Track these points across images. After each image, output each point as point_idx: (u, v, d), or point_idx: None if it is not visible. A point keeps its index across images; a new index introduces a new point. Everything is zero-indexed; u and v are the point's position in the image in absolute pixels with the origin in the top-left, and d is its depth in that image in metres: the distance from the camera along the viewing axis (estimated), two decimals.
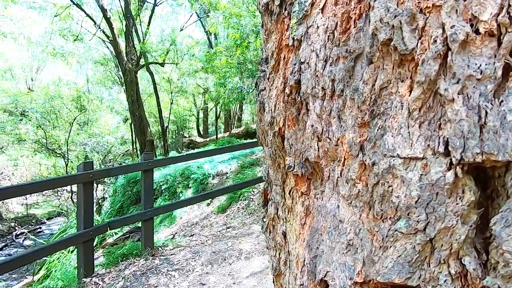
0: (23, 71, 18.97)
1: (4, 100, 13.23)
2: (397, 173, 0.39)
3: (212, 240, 3.67)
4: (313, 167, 0.48)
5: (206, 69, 11.74)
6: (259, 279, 2.55)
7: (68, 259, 5.32)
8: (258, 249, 3.13)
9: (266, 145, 0.62)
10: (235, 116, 17.32)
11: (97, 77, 19.68)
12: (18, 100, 13.36)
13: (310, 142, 0.47)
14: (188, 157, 3.58)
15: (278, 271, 0.62)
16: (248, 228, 3.82)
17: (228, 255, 3.08)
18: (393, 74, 0.40)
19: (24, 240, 9.88)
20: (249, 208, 5.56)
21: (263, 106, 0.60)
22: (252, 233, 3.59)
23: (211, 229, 5.37)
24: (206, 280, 2.68)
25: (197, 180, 8.12)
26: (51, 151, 11.43)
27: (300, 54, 0.48)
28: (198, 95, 17.80)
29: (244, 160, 8.42)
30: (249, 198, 6.13)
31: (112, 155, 16.84)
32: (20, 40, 14.03)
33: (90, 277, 2.86)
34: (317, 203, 0.46)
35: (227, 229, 4.29)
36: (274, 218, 0.64)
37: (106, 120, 17.73)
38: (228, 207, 6.44)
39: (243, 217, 5.14)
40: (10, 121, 12.77)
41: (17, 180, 12.11)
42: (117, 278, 2.84)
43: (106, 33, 11.86)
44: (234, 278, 2.66)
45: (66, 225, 8.00)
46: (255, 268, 2.78)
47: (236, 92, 6.15)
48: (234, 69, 6.47)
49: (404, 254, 0.37)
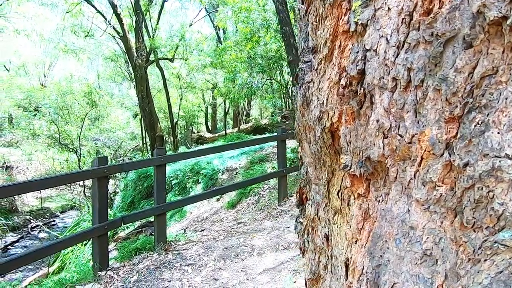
0: (36, 67, 19.34)
1: (18, 96, 13.53)
2: (504, 177, 0.33)
3: (224, 235, 3.68)
4: (375, 167, 0.43)
5: (215, 64, 11.73)
6: (273, 275, 2.54)
7: (81, 252, 5.44)
8: (270, 245, 3.11)
9: (308, 142, 0.58)
10: (243, 112, 17.29)
11: (108, 73, 19.91)
12: (32, 96, 13.66)
13: (373, 139, 0.42)
14: (200, 152, 3.58)
15: (316, 274, 0.58)
16: (260, 224, 3.80)
17: (240, 251, 3.07)
18: (503, 60, 0.34)
19: (39, 233, 10.15)
20: (259, 204, 5.55)
21: (306, 100, 0.56)
22: (264, 229, 3.57)
23: (221, 224, 5.39)
24: (219, 275, 2.69)
25: (207, 176, 8.15)
26: (64, 146, 11.66)
27: (366, 41, 0.43)
28: (206, 90, 17.83)
29: (254, 155, 8.40)
30: (259, 194, 6.11)
31: (123, 150, 17.10)
32: (33, 36, 14.28)
33: (105, 271, 2.90)
34: (380, 207, 0.42)
35: (238, 225, 4.29)
36: (314, 220, 0.60)
37: (116, 116, 17.98)
38: (238, 202, 6.44)
39: (254, 213, 5.13)
40: (25, 116, 13.08)
41: (31, 175, 12.41)
42: (131, 272, 2.87)
43: (116, 29, 11.94)
44: (247, 274, 2.65)
45: (79, 218, 8.17)
46: (268, 264, 2.77)
47: (246, 87, 6.11)
48: (244, 64, 6.41)
49: (508, 271, 0.32)
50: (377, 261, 0.40)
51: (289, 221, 3.71)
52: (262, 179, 4.46)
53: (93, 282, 2.72)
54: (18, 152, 12.82)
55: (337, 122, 0.49)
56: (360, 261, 0.43)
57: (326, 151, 0.54)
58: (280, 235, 3.34)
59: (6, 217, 10.12)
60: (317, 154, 0.56)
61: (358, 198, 0.46)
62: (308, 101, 0.57)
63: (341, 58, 0.48)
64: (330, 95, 0.49)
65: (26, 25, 13.85)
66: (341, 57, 0.48)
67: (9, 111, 14.36)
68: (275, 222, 3.76)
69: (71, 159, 13.47)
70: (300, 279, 2.28)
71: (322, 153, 0.55)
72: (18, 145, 13.40)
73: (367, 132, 0.43)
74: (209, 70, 13.58)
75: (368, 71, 0.43)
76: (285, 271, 2.55)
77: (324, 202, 0.57)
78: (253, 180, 4.41)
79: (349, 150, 0.47)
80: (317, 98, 0.53)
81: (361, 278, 0.42)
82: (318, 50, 0.53)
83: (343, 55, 0.47)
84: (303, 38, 0.58)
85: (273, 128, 11.84)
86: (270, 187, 6.12)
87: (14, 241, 8.87)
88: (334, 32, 0.48)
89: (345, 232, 0.50)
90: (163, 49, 11.95)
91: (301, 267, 2.51)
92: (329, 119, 0.50)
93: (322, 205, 0.57)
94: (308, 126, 0.57)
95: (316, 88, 0.54)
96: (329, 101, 0.50)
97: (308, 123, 0.57)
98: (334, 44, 0.49)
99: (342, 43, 0.47)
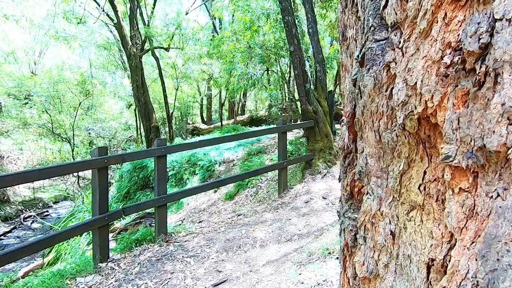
0: (26, 54, 18.75)
1: (8, 83, 13.13)
2: None
3: (225, 227, 3.66)
4: (488, 158, 0.38)
5: (211, 55, 11.52)
6: (276, 267, 2.54)
7: (77, 242, 5.38)
8: (272, 237, 3.11)
9: (376, 130, 0.53)
10: (239, 103, 17.16)
11: (100, 61, 19.43)
12: (22, 84, 13.27)
13: (493, 126, 0.37)
14: (201, 143, 3.52)
15: (374, 274, 0.55)
16: (261, 216, 3.80)
17: (242, 243, 3.07)
18: None
19: (32, 223, 10.04)
20: (257, 196, 5.54)
21: (379, 83, 0.51)
22: (265, 221, 3.57)
23: (220, 216, 5.38)
24: (223, 267, 2.68)
25: (204, 167, 8.11)
26: (56, 136, 11.42)
27: (495, 8, 0.37)
28: (202, 81, 17.60)
29: (251, 147, 8.36)
30: (257, 186, 6.10)
31: (116, 141, 16.88)
32: (22, 22, 13.77)
33: (105, 262, 2.86)
34: (496, 204, 0.38)
35: (238, 217, 4.28)
36: (375, 215, 0.56)
37: (109, 106, 17.66)
38: (236, 194, 6.43)
39: (253, 205, 5.13)
40: (15, 105, 12.73)
41: (23, 165, 12.17)
42: (133, 263, 2.84)
43: (110, 16, 11.59)
44: (251, 266, 2.65)
45: (74, 209, 8.08)
46: (271, 256, 2.77)
47: (245, 78, 6.01)
48: (243, 53, 6.30)
49: None
50: (491, 266, 0.36)
51: (290, 213, 3.71)
52: (263, 170, 4.44)
53: (94, 274, 2.69)
54: (8, 141, 12.52)
55: (436, 107, 0.44)
56: (464, 264, 0.39)
57: (404, 140, 0.49)
58: (282, 227, 3.34)
59: None
60: (390, 143, 0.52)
61: (459, 193, 0.42)
62: (381, 84, 0.52)
63: (445, 33, 0.42)
64: (426, 75, 0.44)
65: (15, 10, 13.35)
66: (445, 31, 0.42)
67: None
68: (276, 214, 3.76)
69: (64, 149, 13.24)
70: (305, 271, 2.28)
71: (398, 142, 0.50)
72: (8, 135, 13.07)
73: (484, 118, 0.38)
74: (205, 60, 13.37)
75: (498, 44, 0.37)
76: (289, 263, 2.55)
77: (391, 196, 0.53)
78: (254, 172, 4.39)
79: (454, 138, 0.41)
80: (403, 80, 0.48)
81: (464, 283, 0.38)
82: (403, 25, 0.48)
83: (449, 29, 0.42)
84: (372, 15, 0.53)
85: (270, 120, 11.78)
86: (268, 179, 6.11)
87: (6, 232, 8.75)
88: (437, 2, 0.43)
89: (429, 231, 0.46)
90: (159, 37, 11.68)
91: (305, 259, 2.51)
92: (421, 103, 0.45)
93: (387, 200, 0.54)
94: (379, 112, 0.52)
95: (403, 69, 0.48)
96: (424, 83, 0.44)
97: (379, 109, 0.52)
98: (436, 17, 0.44)
99: (449, 14, 0.42)
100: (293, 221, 3.46)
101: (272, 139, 8.37)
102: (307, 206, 3.78)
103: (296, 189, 4.44)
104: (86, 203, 7.55)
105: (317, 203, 3.81)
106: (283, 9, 4.44)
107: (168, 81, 15.85)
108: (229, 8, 9.97)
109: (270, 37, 6.92)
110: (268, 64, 6.72)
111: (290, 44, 4.53)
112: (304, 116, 4.77)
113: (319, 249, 2.56)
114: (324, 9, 7.72)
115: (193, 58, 13.12)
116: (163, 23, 13.61)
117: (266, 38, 7.03)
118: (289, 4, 4.47)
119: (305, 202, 3.91)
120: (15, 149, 12.52)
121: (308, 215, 3.54)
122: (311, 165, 4.78)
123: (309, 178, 4.66)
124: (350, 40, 0.64)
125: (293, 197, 4.22)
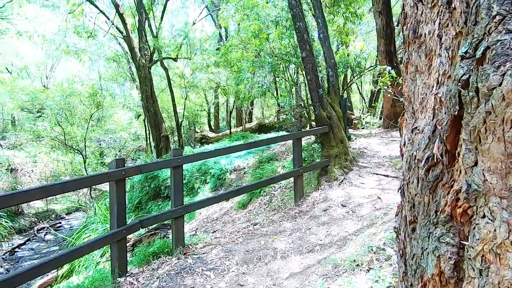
0: (38, 69, 19.28)
1: (22, 97, 13.46)
2: None
3: (243, 238, 3.57)
4: None
5: (218, 63, 11.61)
6: (301, 280, 2.43)
7: (90, 254, 5.34)
8: (293, 248, 3.01)
9: (504, 140, 0.46)
10: (247, 111, 17.19)
11: (109, 73, 19.84)
12: (35, 98, 13.59)
13: None
14: (216, 152, 3.47)
15: None
16: (279, 226, 3.70)
17: (262, 254, 2.97)
18: None
19: (45, 235, 10.13)
20: (271, 204, 5.44)
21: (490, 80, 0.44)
22: (284, 231, 3.47)
23: (234, 225, 5.29)
24: (244, 280, 2.58)
25: (215, 176, 8.07)
26: (68, 148, 11.59)
27: None
28: (209, 90, 17.74)
29: (262, 155, 8.30)
30: (271, 193, 6.00)
31: (125, 151, 17.06)
32: (35, 38, 14.19)
33: (124, 277, 2.80)
34: None
35: (254, 226, 4.18)
36: (502, 245, 0.48)
37: (119, 116, 17.93)
38: (249, 202, 6.34)
39: (267, 213, 5.02)
40: (28, 118, 13.01)
41: (36, 177, 12.34)
42: (151, 277, 2.77)
43: (119, 29, 11.84)
44: (273, 279, 2.55)
45: (87, 220, 8.11)
46: (294, 268, 2.66)
47: (256, 86, 5.99)
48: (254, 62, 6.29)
49: None
50: None
51: (309, 222, 3.60)
52: (279, 178, 4.36)
53: None
54: (22, 154, 12.75)
55: None
56: None
57: None
58: (302, 237, 3.24)
59: (13, 219, 10.08)
60: None
61: None
62: None
63: None
64: None
65: (28, 26, 13.77)
66: None
67: (12, 113, 14.30)
68: (294, 223, 3.66)
69: (76, 161, 13.39)
70: (333, 285, 2.17)
71: None
72: (22, 147, 13.33)
73: None
74: (212, 69, 13.48)
75: None
76: (313, 275, 2.44)
77: None
78: (270, 180, 4.31)
79: None
80: None
81: None
82: None
83: None
84: (496, 1, 0.46)
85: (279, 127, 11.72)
86: (281, 186, 6.01)
87: (21, 244, 8.81)
88: None
89: None
90: (167, 48, 11.86)
91: (331, 271, 2.40)
92: None
93: None
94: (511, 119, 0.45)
95: None
96: None
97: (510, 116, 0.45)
98: None
99: None
100: (313, 230, 3.35)
101: (283, 146, 8.29)
102: (326, 215, 3.67)
103: (313, 197, 4.33)
104: (99, 214, 7.57)
105: (336, 211, 3.69)
106: (294, 15, 4.42)
107: (176, 91, 16.03)
108: (235, 18, 10.06)
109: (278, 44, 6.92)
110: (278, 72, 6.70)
111: (302, 49, 4.49)
112: (318, 122, 4.70)
113: (345, 261, 2.45)
114: (331, 15, 7.71)
115: (200, 67, 13.25)
116: (170, 34, 13.84)
117: (274, 45, 7.03)
118: (300, 10, 4.45)
119: (324, 210, 3.80)
120: (29, 161, 12.72)
121: (328, 224, 3.42)
122: (326, 172, 4.67)
123: (325, 185, 4.55)
124: (426, 37, 0.57)
125: (310, 205, 4.11)
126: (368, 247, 2.43)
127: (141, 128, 17.68)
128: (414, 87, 0.63)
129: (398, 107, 9.30)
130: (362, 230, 3.00)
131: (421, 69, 0.59)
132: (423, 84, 0.58)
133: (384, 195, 3.83)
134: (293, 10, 4.41)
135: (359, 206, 3.69)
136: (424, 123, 0.59)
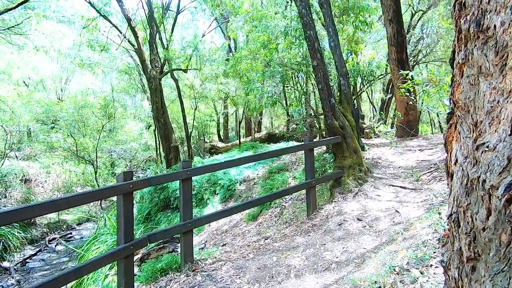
0: (53, 82, 19.91)
1: (37, 110, 13.84)
2: None
3: (254, 253, 3.42)
4: None
5: (228, 74, 11.70)
6: None
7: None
8: (308, 266, 2.84)
9: None
10: (256, 121, 17.17)
11: (121, 85, 20.30)
12: (50, 110, 13.96)
13: None
14: (226, 164, 3.37)
15: None
16: (291, 241, 3.53)
17: (275, 272, 2.81)
18: None
19: (56, 245, 10.18)
20: (282, 217, 5.27)
21: None
22: (297, 247, 3.30)
23: (244, 238, 5.13)
24: None
25: (224, 186, 7.97)
26: (80, 158, 11.75)
27: None
28: (218, 100, 17.88)
29: (271, 165, 8.17)
30: (281, 205, 5.84)
31: (136, 161, 17.22)
32: (51, 52, 14.69)
33: None
34: None
35: (266, 240, 4.03)
36: None
37: (130, 127, 18.21)
38: (259, 214, 6.18)
39: (279, 226, 4.86)
40: (42, 130, 13.34)
41: (49, 187, 12.53)
42: None
43: (131, 42, 12.13)
44: None
45: (97, 231, 8.08)
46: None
47: (267, 96, 5.94)
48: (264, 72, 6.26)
49: None
50: None
51: (323, 236, 3.43)
52: (292, 190, 4.22)
53: None
54: (36, 165, 13.01)
55: None
56: None
57: None
58: (317, 253, 3.07)
59: (25, 230, 10.20)
60: None
61: None
62: None
63: None
64: None
65: (44, 41, 14.28)
66: None
67: (28, 125, 14.71)
68: (308, 238, 3.49)
69: (87, 171, 13.57)
70: None
71: None
72: (36, 158, 13.61)
73: None
74: (221, 80, 13.60)
75: None
76: None
77: None
78: (283, 192, 4.17)
79: None
80: None
81: None
82: None
83: None
84: None
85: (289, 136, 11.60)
86: (292, 198, 5.84)
87: (32, 254, 8.85)
88: None
89: None
90: (177, 60, 12.05)
91: None
92: None
93: None
94: None
95: None
96: None
97: None
98: None
99: None
100: (328, 246, 3.17)
101: (293, 156, 8.14)
102: (342, 229, 3.49)
103: (327, 210, 4.16)
104: (108, 225, 7.54)
105: (352, 226, 3.51)
106: (304, 24, 4.36)
107: (185, 101, 16.21)
108: (243, 29, 10.17)
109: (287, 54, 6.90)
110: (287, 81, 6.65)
111: (313, 58, 4.41)
112: (330, 132, 4.56)
113: (365, 281, 2.28)
114: (341, 24, 7.66)
115: (210, 78, 13.39)
116: (180, 46, 14.09)
117: (283, 54, 7.01)
118: (311, 18, 4.39)
119: (339, 224, 3.62)
120: (42, 172, 12.95)
121: (344, 239, 3.25)
122: (340, 183, 4.50)
123: (339, 197, 4.37)
124: (497, 30, 0.46)
125: (324, 219, 3.94)
126: (389, 266, 2.25)
127: (152, 139, 17.87)
128: (476, 93, 0.52)
129: (412, 116, 9.05)
130: (381, 247, 2.82)
131: (488, 71, 0.48)
132: (492, 89, 0.48)
133: (402, 208, 3.63)
134: (304, 18, 4.36)
135: (376, 220, 3.50)
136: (497, 138, 0.47)
